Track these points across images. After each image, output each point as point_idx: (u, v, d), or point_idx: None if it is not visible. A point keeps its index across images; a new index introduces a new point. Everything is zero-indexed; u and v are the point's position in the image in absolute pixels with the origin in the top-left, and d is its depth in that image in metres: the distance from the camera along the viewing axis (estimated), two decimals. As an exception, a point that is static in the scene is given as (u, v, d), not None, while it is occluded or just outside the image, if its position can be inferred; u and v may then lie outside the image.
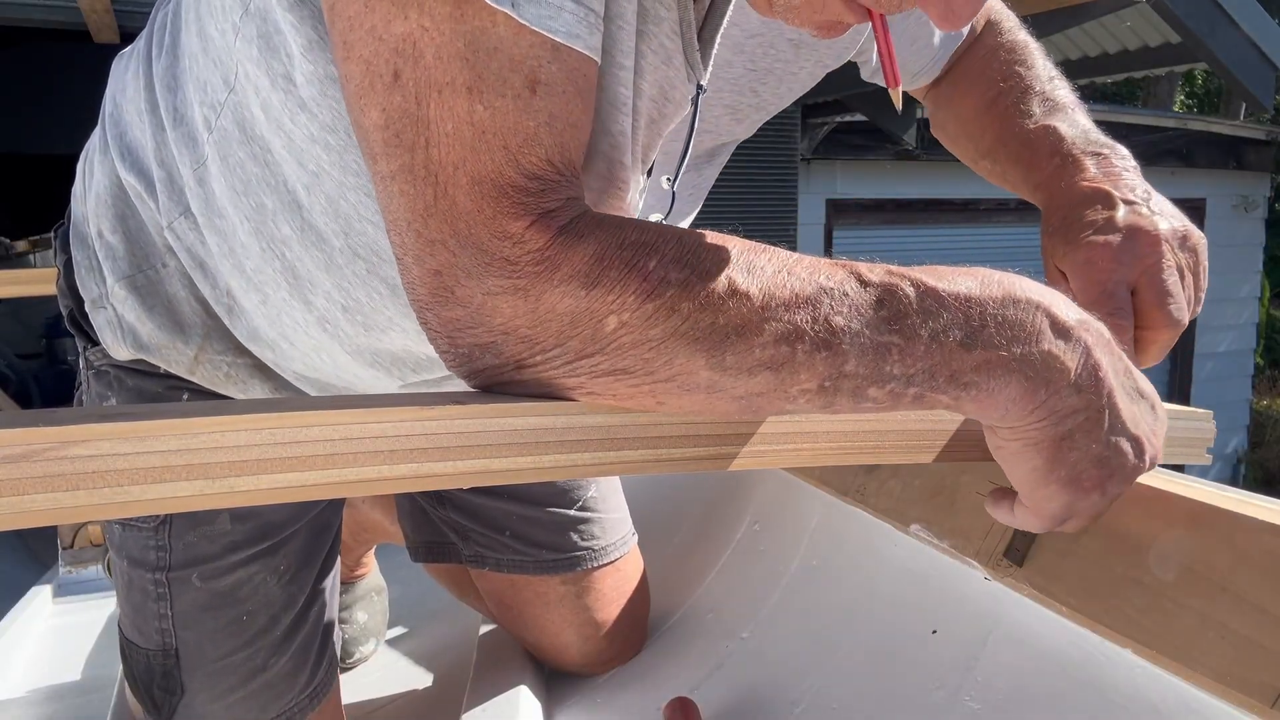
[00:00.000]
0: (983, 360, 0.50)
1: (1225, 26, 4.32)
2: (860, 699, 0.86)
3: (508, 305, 0.47)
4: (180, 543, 0.83)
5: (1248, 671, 0.55)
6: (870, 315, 0.49)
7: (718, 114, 0.74)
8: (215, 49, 0.65)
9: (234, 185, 0.68)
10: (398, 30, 0.46)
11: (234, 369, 0.80)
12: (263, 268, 0.70)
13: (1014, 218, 6.13)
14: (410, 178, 0.47)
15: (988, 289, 0.51)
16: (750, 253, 0.49)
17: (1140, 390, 0.56)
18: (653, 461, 0.52)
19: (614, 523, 1.11)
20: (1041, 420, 0.52)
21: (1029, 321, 0.51)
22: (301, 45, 0.59)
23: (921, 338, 0.49)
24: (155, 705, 0.86)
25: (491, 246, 0.47)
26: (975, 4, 0.48)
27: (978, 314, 0.50)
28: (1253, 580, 0.57)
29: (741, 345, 0.47)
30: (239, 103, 0.65)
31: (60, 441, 0.39)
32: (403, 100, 0.47)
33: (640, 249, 0.47)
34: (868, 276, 0.50)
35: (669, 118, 0.65)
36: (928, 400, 0.51)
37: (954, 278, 0.51)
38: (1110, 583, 0.65)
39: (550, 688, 1.11)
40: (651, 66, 0.61)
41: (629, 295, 0.46)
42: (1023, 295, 0.51)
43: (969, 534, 0.79)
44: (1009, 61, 0.89)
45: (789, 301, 0.48)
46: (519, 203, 0.47)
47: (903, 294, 0.49)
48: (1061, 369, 0.51)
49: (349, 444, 0.44)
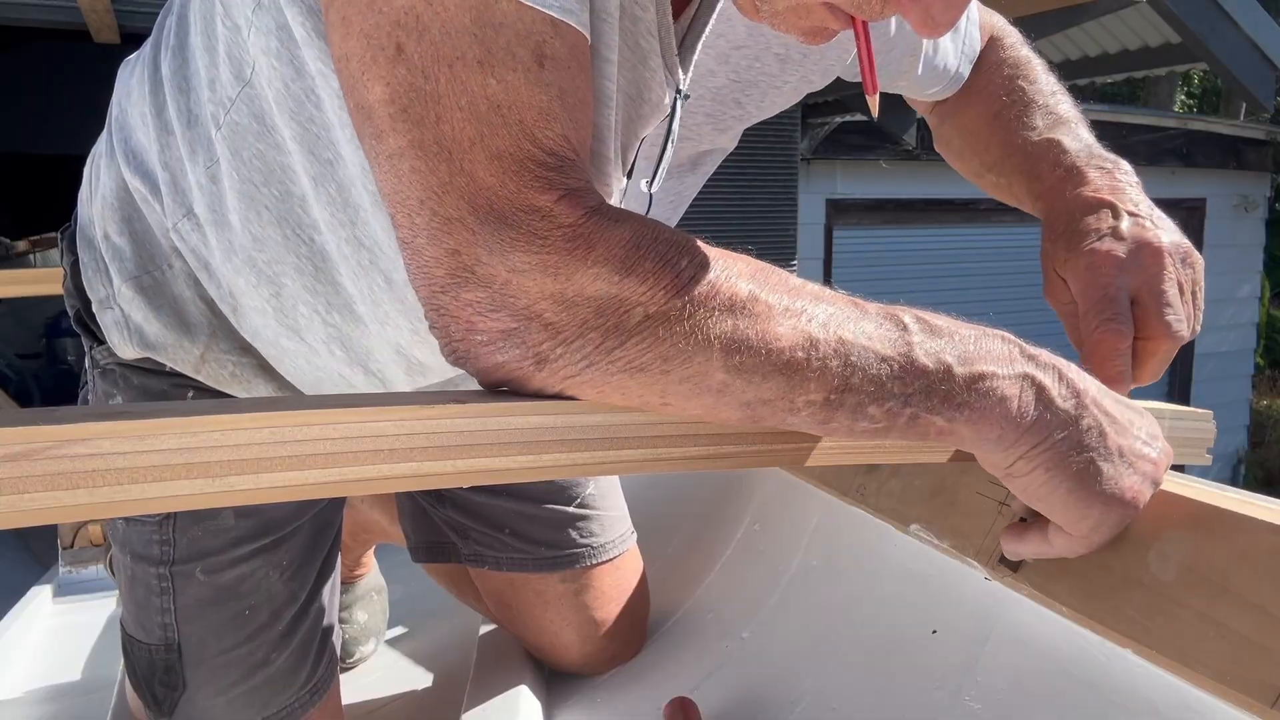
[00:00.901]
0: (975, 376, 0.52)
1: (1225, 26, 4.32)
2: (860, 699, 0.86)
3: (534, 284, 0.45)
4: (184, 537, 0.84)
5: (1248, 671, 0.55)
6: (874, 332, 0.51)
7: (699, 121, 0.74)
8: (226, 45, 0.65)
9: (251, 178, 0.68)
10: (399, 3, 0.46)
11: (239, 368, 0.80)
12: (283, 256, 0.70)
13: (1014, 218, 6.12)
14: (421, 154, 0.46)
15: (959, 325, 0.55)
16: (764, 272, 0.51)
17: (1121, 400, 0.59)
18: (653, 461, 0.52)
19: (613, 520, 1.11)
20: (1042, 439, 0.54)
21: (1004, 350, 0.54)
22: (301, 36, 0.59)
23: (918, 357, 0.51)
24: (157, 701, 0.86)
25: (517, 220, 0.45)
26: (954, 12, 0.49)
27: (961, 338, 0.53)
28: (1253, 580, 0.57)
29: (760, 348, 0.48)
30: (254, 95, 0.65)
31: (60, 440, 0.39)
32: (409, 74, 0.46)
33: (674, 246, 0.47)
34: (867, 306, 0.53)
35: (646, 119, 0.65)
36: (922, 422, 0.53)
37: (942, 315, 0.55)
38: (1110, 583, 0.65)
39: (550, 688, 1.11)
40: (627, 64, 0.61)
41: (660, 290, 0.46)
42: (990, 330, 0.55)
43: (969, 534, 0.79)
44: (1012, 76, 0.91)
45: (801, 312, 0.50)
46: (542, 177, 0.46)
47: (900, 321, 0.52)
48: (1040, 385, 0.54)
49: (349, 443, 0.44)
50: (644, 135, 0.66)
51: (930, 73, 0.90)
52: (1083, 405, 0.55)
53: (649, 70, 0.62)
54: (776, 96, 0.77)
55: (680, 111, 0.65)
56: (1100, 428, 0.55)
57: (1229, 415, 6.64)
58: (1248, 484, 6.90)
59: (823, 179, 5.63)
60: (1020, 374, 0.54)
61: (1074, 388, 0.55)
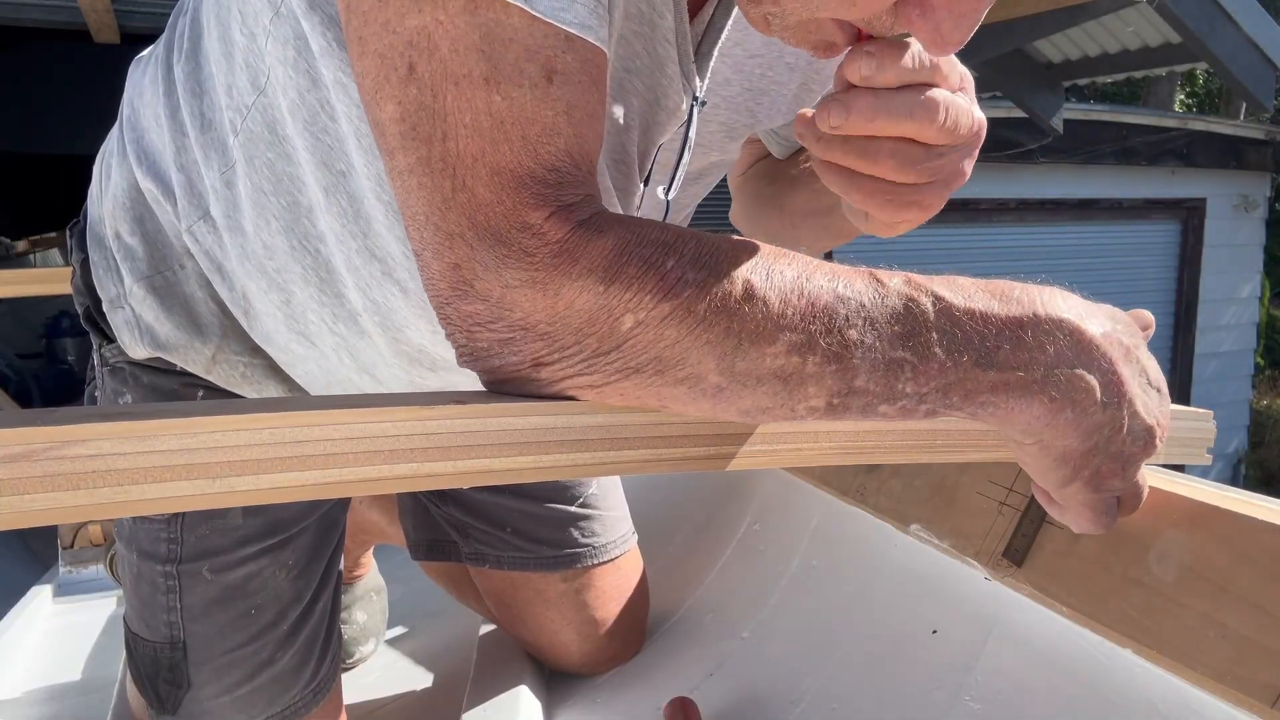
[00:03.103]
0: (999, 381, 0.50)
1: (1225, 26, 4.31)
2: (860, 699, 0.86)
3: (526, 299, 0.46)
4: (192, 535, 0.84)
5: (1248, 671, 0.55)
6: (885, 329, 0.48)
7: (713, 130, 0.74)
8: (243, 53, 0.66)
9: (262, 186, 0.69)
10: (411, 24, 0.46)
11: (250, 369, 0.80)
12: (290, 265, 0.71)
13: (1014, 218, 6.12)
14: (428, 170, 0.47)
15: (1009, 307, 0.50)
16: (770, 257, 0.49)
17: (1150, 381, 0.56)
18: (653, 461, 0.52)
19: (614, 520, 1.11)
20: (1069, 439, 0.53)
21: (1050, 342, 0.50)
22: (320, 47, 0.60)
23: (936, 356, 0.48)
24: (160, 699, 0.86)
25: (510, 238, 0.46)
26: (964, 31, 0.49)
27: (994, 333, 0.49)
28: (1253, 580, 0.57)
29: (754, 352, 0.47)
30: (268, 104, 0.66)
31: (60, 441, 0.39)
32: (418, 93, 0.47)
33: (659, 247, 0.47)
34: (887, 285, 0.49)
35: (663, 125, 0.65)
36: (941, 415, 0.51)
37: (974, 293, 0.50)
38: (1110, 583, 0.65)
39: (550, 688, 1.11)
40: (645, 70, 0.61)
41: (646, 294, 0.46)
42: (1045, 313, 0.51)
43: (969, 534, 0.79)
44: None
45: (805, 311, 0.47)
46: (538, 194, 0.47)
47: (920, 308, 0.49)
48: (1087, 389, 0.51)
49: (349, 444, 0.44)
50: (661, 142, 0.66)
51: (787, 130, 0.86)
52: (1119, 409, 0.52)
53: (666, 77, 0.62)
54: (781, 104, 0.76)
55: (697, 119, 0.65)
56: (1123, 426, 0.53)
57: (1229, 415, 6.64)
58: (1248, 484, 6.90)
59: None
60: (1066, 376, 0.50)
61: (1121, 390, 0.52)
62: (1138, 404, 0.54)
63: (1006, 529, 0.75)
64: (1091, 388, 0.51)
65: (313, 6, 0.59)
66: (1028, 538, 0.73)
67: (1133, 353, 0.54)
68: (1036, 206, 6.17)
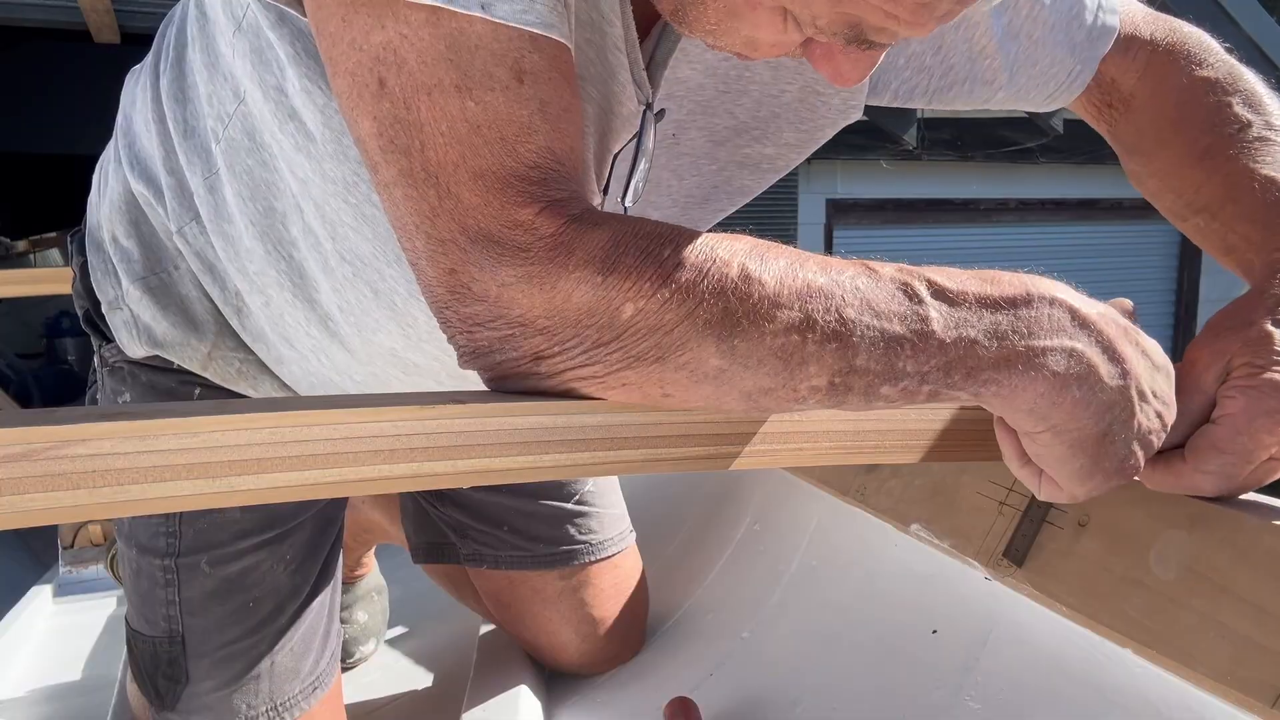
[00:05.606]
0: (1000, 357, 0.49)
1: (1225, 26, 4.32)
2: (860, 699, 0.86)
3: (523, 295, 0.47)
4: (191, 529, 0.85)
5: (1248, 671, 0.55)
6: (882, 308, 0.48)
7: (692, 136, 0.73)
8: (225, 64, 0.68)
9: (241, 192, 0.71)
10: (376, 40, 0.47)
11: (245, 365, 0.82)
12: (266, 270, 0.73)
13: (1014, 218, 6.13)
14: (411, 182, 0.48)
15: (1002, 288, 0.50)
16: (762, 247, 0.49)
17: (1155, 364, 0.55)
18: (653, 461, 0.52)
19: (611, 519, 1.12)
20: (1082, 420, 0.52)
21: (1047, 318, 0.50)
22: (288, 55, 0.62)
23: (935, 333, 0.48)
24: (159, 694, 0.87)
25: (503, 236, 0.47)
26: (864, 70, 0.51)
27: (990, 311, 0.50)
28: (1253, 580, 0.57)
29: (753, 331, 0.47)
30: (247, 113, 0.68)
31: (60, 440, 0.39)
32: (391, 107, 0.47)
33: (654, 238, 0.47)
34: (879, 272, 0.50)
35: (617, 133, 0.65)
36: (944, 397, 0.51)
37: (966, 278, 0.51)
38: (1110, 583, 0.65)
39: (550, 688, 1.11)
40: (598, 78, 0.61)
41: (645, 281, 0.46)
42: (1038, 292, 0.51)
43: (969, 534, 0.79)
44: (1224, 104, 0.76)
45: (801, 291, 0.47)
46: (524, 192, 0.47)
47: (914, 290, 0.49)
48: (1090, 364, 0.51)
49: (349, 444, 0.44)
50: (616, 150, 0.66)
51: (1036, 79, 0.80)
52: (1127, 386, 0.52)
53: (618, 84, 0.62)
54: (775, 105, 0.75)
55: (654, 127, 0.65)
56: (1132, 405, 0.52)
57: (1229, 415, 6.63)
58: (1248, 484, 6.88)
59: (823, 179, 5.63)
60: (1066, 350, 0.50)
61: (1125, 366, 0.52)
62: (1145, 382, 0.53)
63: (1006, 529, 0.75)
64: (1094, 363, 0.51)
65: (282, 19, 0.61)
66: (1028, 538, 0.73)
67: (1131, 332, 0.54)
68: (1036, 206, 6.18)
